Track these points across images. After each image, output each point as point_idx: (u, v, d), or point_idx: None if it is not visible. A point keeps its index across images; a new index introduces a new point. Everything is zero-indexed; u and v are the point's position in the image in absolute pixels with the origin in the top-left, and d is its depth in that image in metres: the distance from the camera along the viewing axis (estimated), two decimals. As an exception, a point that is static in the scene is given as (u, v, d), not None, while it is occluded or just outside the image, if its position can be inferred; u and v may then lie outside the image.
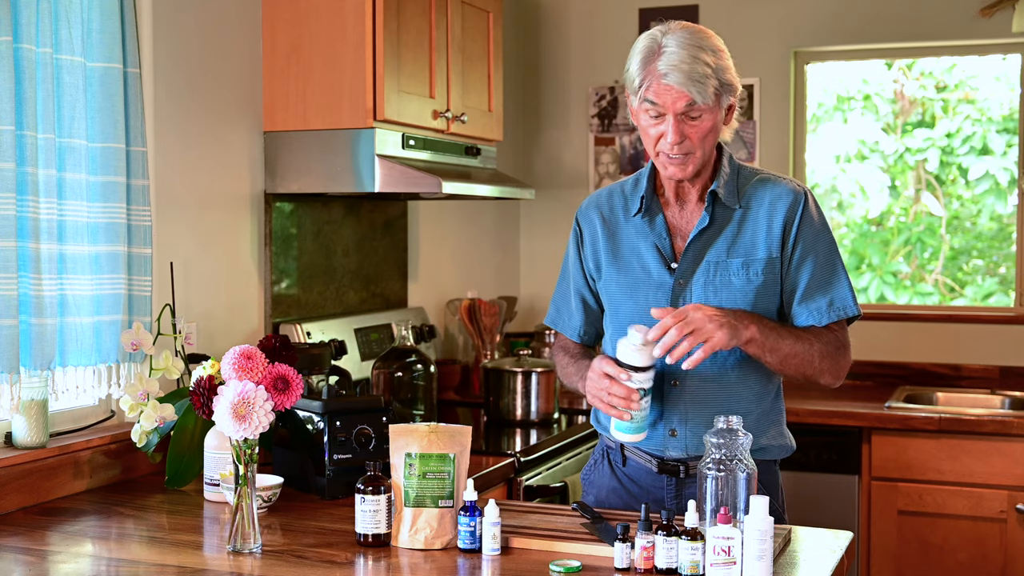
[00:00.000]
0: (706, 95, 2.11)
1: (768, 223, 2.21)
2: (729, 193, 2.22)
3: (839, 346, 2.23)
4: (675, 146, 2.13)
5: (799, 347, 2.17)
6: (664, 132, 2.14)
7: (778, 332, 2.16)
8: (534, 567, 1.92)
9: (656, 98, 2.13)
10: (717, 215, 2.23)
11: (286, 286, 3.24)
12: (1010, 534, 3.52)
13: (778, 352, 2.15)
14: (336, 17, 3.01)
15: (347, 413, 2.43)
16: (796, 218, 2.21)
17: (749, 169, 2.29)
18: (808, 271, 2.22)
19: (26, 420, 2.41)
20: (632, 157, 4.47)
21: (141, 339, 2.54)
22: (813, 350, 2.18)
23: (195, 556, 2.04)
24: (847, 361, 2.25)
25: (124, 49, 2.54)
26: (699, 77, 2.10)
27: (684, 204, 2.27)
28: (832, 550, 2.04)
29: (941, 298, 4.95)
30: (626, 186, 2.35)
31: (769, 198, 2.23)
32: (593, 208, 2.36)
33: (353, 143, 3.02)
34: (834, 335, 2.23)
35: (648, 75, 2.14)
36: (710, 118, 2.14)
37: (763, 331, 2.13)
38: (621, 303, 2.28)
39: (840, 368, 2.24)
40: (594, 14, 4.53)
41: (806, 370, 2.19)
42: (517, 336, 4.23)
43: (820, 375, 2.21)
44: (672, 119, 2.12)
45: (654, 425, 2.25)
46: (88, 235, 2.50)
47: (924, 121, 4.97)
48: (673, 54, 2.11)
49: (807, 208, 2.23)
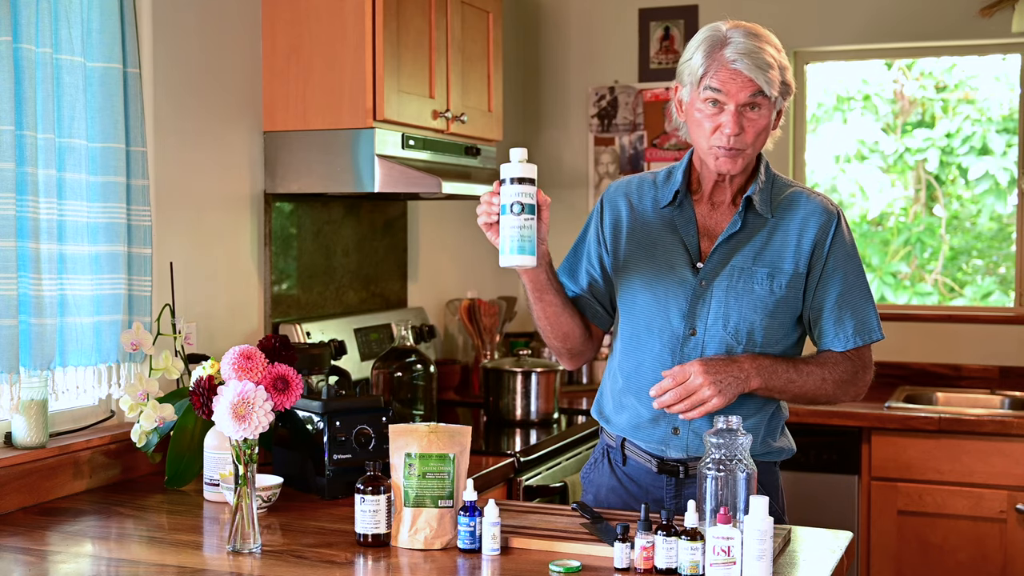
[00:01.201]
0: (771, 86, 2.11)
1: (798, 238, 2.21)
2: (763, 201, 2.21)
3: (860, 368, 2.26)
4: (732, 137, 2.12)
5: (810, 383, 2.20)
6: (722, 123, 2.13)
7: (787, 375, 2.18)
8: (534, 567, 1.92)
9: (721, 86, 2.12)
10: (749, 221, 2.22)
11: (286, 286, 3.24)
12: (1010, 534, 3.52)
13: (787, 393, 2.21)
14: (336, 17, 3.01)
15: (347, 413, 2.43)
16: (828, 238, 2.21)
17: (784, 180, 2.29)
18: (836, 293, 2.22)
19: (26, 420, 2.41)
20: (632, 157, 4.47)
21: (141, 339, 2.54)
22: (826, 383, 2.22)
23: (195, 556, 2.04)
24: (866, 380, 2.28)
25: (124, 49, 2.54)
26: (766, 66, 2.10)
27: (716, 205, 2.26)
28: (832, 550, 2.04)
29: (940, 298, 4.95)
30: (658, 177, 2.33)
31: (802, 213, 2.22)
32: (621, 194, 2.34)
33: (353, 143, 3.02)
34: (852, 362, 2.25)
35: (714, 63, 2.12)
36: (767, 115, 2.15)
37: (769, 379, 2.16)
38: (639, 293, 2.26)
39: (859, 389, 2.27)
40: (594, 14, 4.53)
41: (819, 399, 2.25)
42: (517, 336, 4.23)
43: (835, 400, 2.26)
44: (733, 109, 2.12)
45: (656, 421, 2.25)
46: (88, 235, 2.50)
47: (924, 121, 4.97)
48: (741, 44, 2.11)
49: (839, 229, 2.23)
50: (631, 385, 2.29)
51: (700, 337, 2.21)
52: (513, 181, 2.03)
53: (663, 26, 4.40)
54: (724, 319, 2.19)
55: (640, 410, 2.27)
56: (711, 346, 2.20)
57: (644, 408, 2.26)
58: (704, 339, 2.20)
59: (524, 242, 2.03)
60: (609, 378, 2.37)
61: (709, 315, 2.19)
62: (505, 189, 2.04)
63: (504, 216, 2.04)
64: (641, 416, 2.27)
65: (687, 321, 2.21)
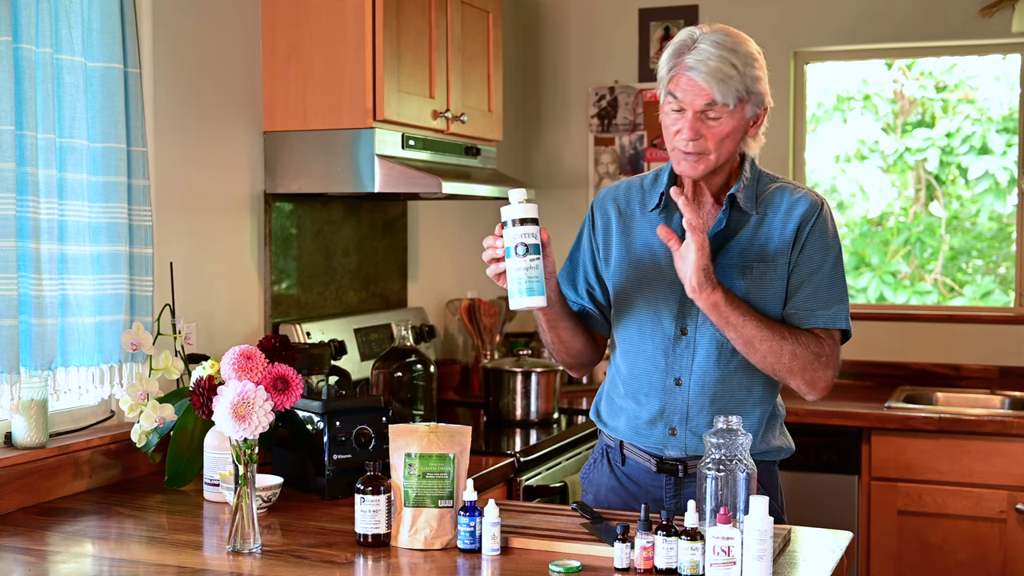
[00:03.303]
0: (727, 96, 2.10)
1: (782, 229, 2.21)
2: (748, 198, 2.22)
3: (819, 354, 2.17)
4: (688, 142, 2.13)
5: (767, 334, 2.12)
6: (681, 128, 2.14)
7: (748, 313, 2.12)
8: (534, 567, 1.92)
9: (678, 92, 2.13)
10: (733, 219, 2.22)
11: (286, 286, 3.24)
12: (1010, 534, 3.52)
13: (741, 331, 2.12)
14: (336, 17, 3.01)
15: (347, 413, 2.43)
16: (809, 224, 2.21)
17: (769, 176, 2.29)
18: (809, 278, 2.20)
19: (26, 420, 2.41)
20: (632, 157, 4.47)
21: (141, 339, 2.54)
22: (784, 345, 2.13)
23: (195, 556, 2.04)
24: (826, 374, 2.18)
25: (124, 49, 2.54)
26: (723, 77, 2.09)
27: (701, 205, 2.26)
28: (832, 550, 2.04)
29: (940, 298, 4.95)
30: (645, 181, 2.35)
31: (786, 206, 2.23)
32: (610, 199, 2.36)
33: (353, 143, 3.02)
34: (817, 341, 2.18)
35: (676, 67, 2.14)
36: (729, 122, 2.13)
37: (730, 303, 2.10)
38: (630, 297, 2.27)
39: (816, 377, 2.17)
40: (594, 14, 4.53)
41: (774, 363, 2.15)
42: (517, 336, 4.23)
43: (790, 375, 2.16)
44: (690, 115, 2.12)
45: (653, 423, 2.25)
46: (90, 235, 2.50)
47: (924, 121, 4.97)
48: (703, 51, 2.11)
49: (821, 217, 2.22)
50: (627, 388, 2.30)
51: (691, 336, 2.22)
52: (515, 223, 2.05)
53: (663, 26, 4.40)
54: None
55: (637, 412, 2.28)
56: (703, 345, 2.21)
57: (641, 410, 2.27)
58: (695, 338, 2.21)
59: (532, 283, 2.06)
60: (608, 382, 2.39)
61: (699, 314, 2.20)
62: (508, 232, 2.05)
63: (510, 259, 2.06)
64: (639, 418, 2.28)
65: (678, 321, 2.22)
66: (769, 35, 4.28)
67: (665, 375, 2.23)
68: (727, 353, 2.20)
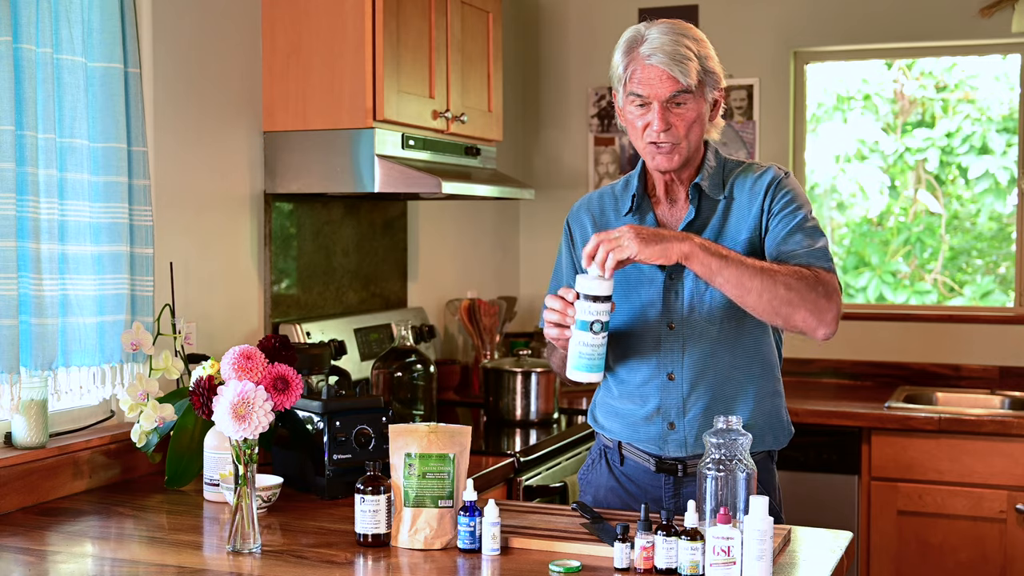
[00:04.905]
0: (688, 76, 2.12)
1: (749, 205, 2.23)
2: (714, 185, 2.24)
3: (816, 281, 2.07)
4: (661, 133, 2.15)
5: (755, 268, 2.04)
6: (650, 121, 2.16)
7: (730, 254, 2.05)
8: (534, 567, 1.92)
9: (641, 86, 2.15)
10: (703, 208, 2.24)
11: (286, 286, 3.24)
12: (1010, 534, 3.52)
13: (727, 274, 2.02)
14: (336, 17, 3.01)
15: (347, 413, 2.43)
16: (773, 188, 2.22)
17: (734, 161, 2.31)
18: (786, 225, 2.17)
19: (26, 420, 2.41)
20: (632, 157, 4.47)
21: (141, 339, 2.54)
22: (777, 276, 2.04)
23: (195, 556, 2.04)
24: (830, 304, 2.08)
25: (124, 49, 2.55)
26: (681, 59, 2.12)
27: (674, 202, 2.29)
28: (832, 550, 2.04)
29: (940, 297, 4.95)
30: (616, 187, 2.37)
31: (750, 184, 2.24)
32: (584, 210, 2.39)
33: (353, 143, 3.02)
34: (810, 271, 2.09)
35: (631, 61, 2.17)
36: (695, 107, 2.16)
37: (706, 248, 2.03)
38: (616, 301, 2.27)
39: (820, 307, 2.06)
40: (594, 14, 4.53)
41: (771, 299, 2.04)
42: (517, 336, 4.23)
43: (792, 309, 2.05)
44: (657, 106, 2.15)
45: (651, 420, 2.26)
46: (91, 235, 2.50)
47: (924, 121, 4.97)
48: (655, 39, 2.14)
49: (785, 180, 2.23)
50: (624, 390, 2.31)
51: (679, 330, 2.23)
52: (594, 299, 2.05)
53: (663, 26, 4.40)
54: (698, 307, 2.21)
55: (634, 410, 2.29)
56: (691, 336, 2.22)
57: (638, 407, 2.28)
58: (683, 331, 2.22)
59: (596, 360, 2.08)
60: (601, 388, 2.40)
61: (684, 307, 2.22)
62: (586, 306, 2.06)
63: (581, 332, 2.07)
64: (635, 415, 2.29)
65: (664, 317, 2.24)
66: (769, 35, 4.28)
67: (657, 371, 2.24)
68: (716, 342, 2.21)
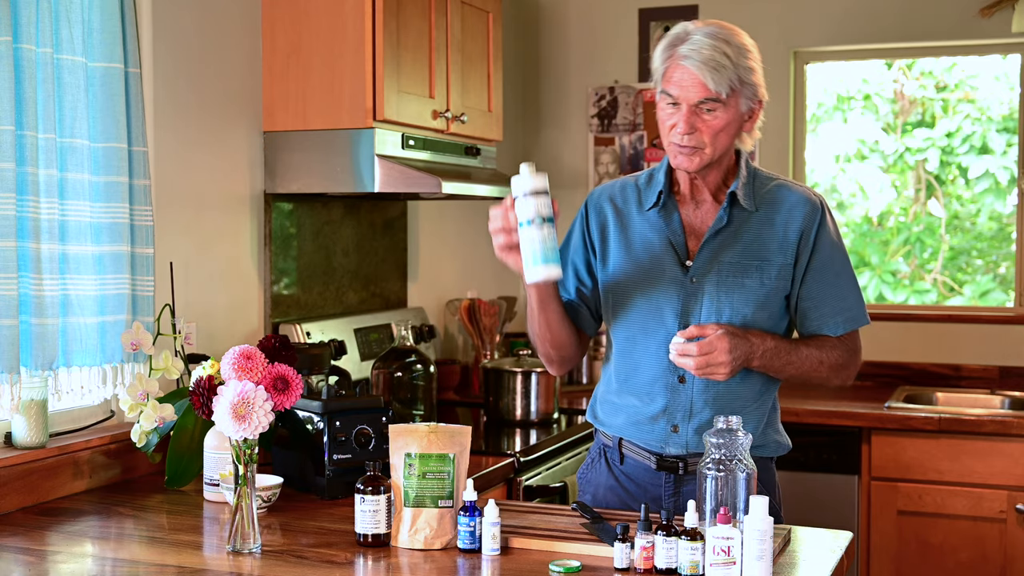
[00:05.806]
0: (720, 84, 2.11)
1: (784, 229, 2.22)
2: (747, 195, 2.23)
3: (851, 352, 2.28)
4: (683, 136, 2.14)
5: (806, 366, 2.23)
6: (676, 122, 2.15)
7: (787, 357, 2.21)
8: (534, 567, 1.92)
9: (673, 85, 2.14)
10: (734, 216, 2.23)
11: (286, 286, 3.24)
12: (1010, 534, 3.52)
13: (782, 374, 2.24)
14: (336, 17, 3.01)
15: (347, 413, 2.43)
16: (813, 228, 2.23)
17: (766, 174, 2.30)
18: (823, 283, 2.24)
19: (26, 420, 2.41)
20: (632, 157, 4.47)
21: (141, 339, 2.54)
22: (822, 366, 2.25)
23: (195, 556, 2.04)
24: (857, 363, 2.32)
25: (124, 49, 2.54)
26: (716, 65, 2.10)
27: (699, 203, 2.27)
28: (832, 550, 2.04)
29: (940, 297, 4.95)
30: (640, 180, 2.35)
31: (787, 205, 2.24)
32: (606, 198, 2.36)
33: (353, 143, 3.02)
34: (845, 346, 2.28)
35: (669, 59, 2.15)
36: (724, 115, 2.14)
37: (770, 361, 2.19)
38: (631, 296, 2.27)
39: (851, 372, 2.31)
40: (594, 14, 4.53)
41: (812, 379, 2.28)
42: (517, 336, 4.23)
43: (828, 382, 2.30)
44: (686, 109, 2.13)
45: (656, 420, 2.25)
46: (92, 235, 2.50)
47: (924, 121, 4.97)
48: (697, 41, 2.13)
49: (824, 219, 2.25)
50: (629, 386, 2.29)
51: None
52: (529, 194, 2.04)
53: (663, 26, 4.40)
54: (717, 315, 2.20)
55: (639, 409, 2.28)
56: None
57: (644, 407, 2.27)
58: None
59: (549, 252, 2.06)
60: (603, 383, 2.39)
61: (702, 312, 2.21)
62: (523, 203, 2.05)
63: (526, 230, 2.05)
64: (641, 414, 2.27)
65: (681, 319, 2.22)
66: (769, 35, 4.28)
67: (668, 372, 2.23)
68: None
